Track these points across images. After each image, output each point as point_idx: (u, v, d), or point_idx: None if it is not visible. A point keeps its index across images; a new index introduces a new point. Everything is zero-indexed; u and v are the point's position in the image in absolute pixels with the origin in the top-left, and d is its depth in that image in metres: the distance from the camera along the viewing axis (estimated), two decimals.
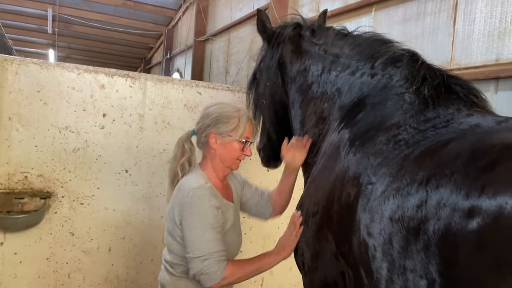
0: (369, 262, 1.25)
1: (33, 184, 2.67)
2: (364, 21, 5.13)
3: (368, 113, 1.61)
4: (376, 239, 1.23)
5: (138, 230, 2.98)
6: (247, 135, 1.88)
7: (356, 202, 1.37)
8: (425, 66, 1.59)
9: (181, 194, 1.75)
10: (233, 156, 1.87)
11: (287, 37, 2.02)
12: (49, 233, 2.74)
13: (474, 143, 1.14)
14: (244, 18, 7.92)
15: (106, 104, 2.83)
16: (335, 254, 1.48)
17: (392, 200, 1.21)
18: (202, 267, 1.66)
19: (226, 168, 1.90)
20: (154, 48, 15.03)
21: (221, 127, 1.84)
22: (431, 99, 1.47)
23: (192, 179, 1.80)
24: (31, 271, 2.71)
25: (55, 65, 2.71)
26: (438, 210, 1.06)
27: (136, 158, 2.93)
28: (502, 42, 3.63)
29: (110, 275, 2.92)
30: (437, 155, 1.19)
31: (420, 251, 1.08)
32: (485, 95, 1.52)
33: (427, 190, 1.12)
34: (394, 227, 1.18)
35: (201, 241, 1.68)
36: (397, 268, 1.15)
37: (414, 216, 1.12)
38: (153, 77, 2.98)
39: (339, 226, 1.45)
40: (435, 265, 1.04)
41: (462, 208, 1.00)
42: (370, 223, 1.27)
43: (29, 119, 2.65)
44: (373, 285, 1.24)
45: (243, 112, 1.90)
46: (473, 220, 0.96)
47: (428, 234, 1.06)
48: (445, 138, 1.26)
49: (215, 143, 1.85)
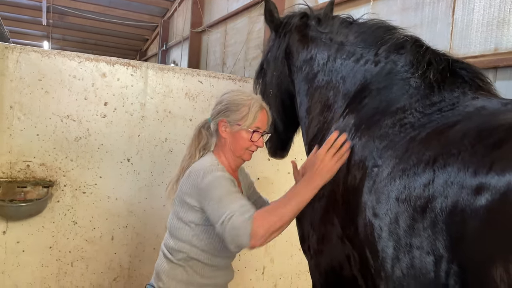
0: (374, 243, 1.27)
1: (35, 173, 2.67)
2: (363, 11, 5.13)
3: (373, 98, 1.62)
4: (382, 220, 1.25)
5: (141, 218, 2.98)
6: (258, 124, 1.80)
7: (362, 184, 1.38)
8: (430, 51, 1.60)
9: (193, 175, 1.71)
10: (242, 146, 1.80)
11: (293, 27, 2.03)
12: (52, 221, 2.75)
13: (480, 124, 1.15)
14: (241, 9, 7.88)
15: (108, 93, 2.82)
16: (340, 237, 1.50)
17: (399, 181, 1.23)
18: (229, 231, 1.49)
19: (237, 158, 1.83)
20: (150, 40, 14.94)
21: (231, 115, 1.79)
22: (436, 83, 1.48)
23: (203, 161, 1.77)
24: (34, 259, 2.72)
25: (56, 53, 2.69)
26: (446, 188, 1.07)
27: (138, 147, 2.93)
28: (501, 32, 3.65)
29: (113, 263, 2.94)
30: (443, 136, 1.21)
31: (427, 228, 1.10)
32: (490, 79, 1.53)
33: (434, 169, 1.13)
34: (400, 206, 1.19)
35: (221, 207, 1.56)
36: (403, 246, 1.16)
37: (421, 195, 1.14)
38: (154, 65, 2.98)
39: (344, 209, 1.47)
40: (442, 241, 1.06)
41: (470, 185, 1.01)
42: (376, 204, 1.28)
43: (31, 108, 2.63)
44: (378, 265, 1.26)
45: (255, 101, 1.82)
46: (482, 197, 0.97)
47: (436, 211, 1.08)
48: (451, 120, 1.28)
49: (225, 132, 1.80)
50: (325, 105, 1.87)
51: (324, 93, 1.88)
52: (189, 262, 1.73)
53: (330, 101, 1.84)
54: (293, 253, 3.49)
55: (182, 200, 1.74)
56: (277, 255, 3.44)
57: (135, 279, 3.00)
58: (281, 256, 3.47)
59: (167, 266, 1.75)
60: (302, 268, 3.52)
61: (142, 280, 3.02)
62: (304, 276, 3.53)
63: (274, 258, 3.45)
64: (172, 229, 1.78)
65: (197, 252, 1.73)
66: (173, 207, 1.81)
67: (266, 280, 3.44)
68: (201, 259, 1.74)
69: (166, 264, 1.76)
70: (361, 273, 1.41)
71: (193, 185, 1.68)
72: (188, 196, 1.70)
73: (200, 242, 1.73)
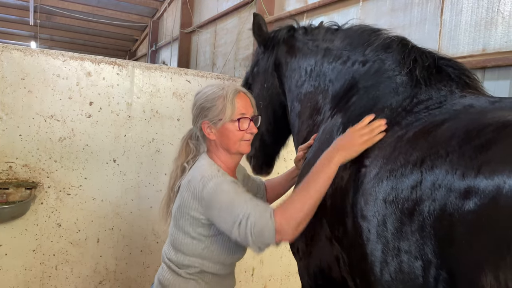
0: (363, 245, 1.24)
1: (18, 174, 2.60)
2: (352, 12, 5.13)
3: (361, 97, 1.61)
4: (370, 222, 1.22)
5: (127, 220, 2.93)
6: (241, 111, 1.64)
7: (349, 185, 1.36)
8: (415, 49, 1.59)
9: (192, 185, 1.56)
10: (234, 139, 1.64)
11: (282, 39, 2.08)
12: (35, 224, 2.68)
13: (468, 123, 1.13)
14: (231, 9, 7.84)
15: (93, 92, 2.76)
16: (329, 239, 1.48)
17: (386, 182, 1.20)
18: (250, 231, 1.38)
19: (234, 155, 1.70)
20: (139, 40, 14.82)
21: (209, 114, 1.63)
22: (423, 80, 1.46)
23: (201, 168, 1.60)
24: (17, 263, 2.65)
25: (39, 51, 2.63)
26: (433, 191, 1.05)
27: (124, 147, 2.88)
28: (489, 32, 3.67)
29: (99, 266, 2.88)
30: (431, 136, 1.18)
31: (414, 232, 1.08)
32: (477, 76, 1.52)
33: (422, 171, 1.11)
34: (388, 208, 1.17)
35: (232, 209, 1.43)
36: (392, 249, 1.14)
37: (409, 197, 1.11)
38: (141, 64, 2.93)
39: (332, 210, 1.44)
40: (430, 245, 1.03)
41: (458, 188, 0.99)
42: (364, 206, 1.26)
43: (13, 108, 2.57)
44: (367, 268, 1.23)
45: (229, 88, 1.65)
46: (470, 201, 0.95)
47: (423, 215, 1.05)
48: (439, 118, 1.25)
49: (211, 133, 1.65)
50: (314, 109, 1.87)
51: (313, 98, 1.88)
52: (201, 275, 1.62)
53: (319, 104, 1.85)
54: (282, 255, 3.46)
55: (186, 214, 1.59)
56: (266, 257, 3.41)
57: (121, 282, 2.94)
58: (270, 258, 3.44)
59: (177, 280, 1.62)
60: (292, 270, 3.49)
61: (129, 283, 2.96)
62: (293, 277, 3.51)
63: (263, 259, 3.41)
64: (179, 245, 1.63)
65: (209, 265, 1.62)
66: (175, 220, 1.65)
67: (255, 281, 3.40)
68: (214, 271, 1.64)
69: (175, 278, 1.63)
70: (350, 275, 1.39)
71: (195, 197, 1.54)
72: (192, 210, 1.57)
73: (212, 254, 1.62)
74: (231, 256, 1.67)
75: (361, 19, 4.98)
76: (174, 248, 1.65)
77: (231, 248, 1.65)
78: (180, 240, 1.61)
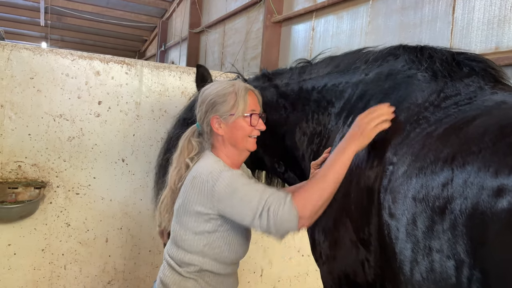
0: (391, 244, 1.21)
1: (27, 174, 2.61)
2: (362, 10, 5.07)
3: (381, 100, 1.57)
4: (399, 220, 1.19)
5: (136, 220, 2.92)
6: (252, 107, 1.66)
7: (377, 184, 1.32)
8: (426, 47, 1.56)
9: (199, 181, 1.54)
10: (244, 134, 1.65)
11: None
12: (44, 223, 2.68)
13: (502, 119, 1.08)
14: (239, 9, 7.83)
15: (102, 92, 2.76)
16: (354, 242, 1.44)
17: (415, 179, 1.17)
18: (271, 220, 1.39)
19: (241, 151, 1.69)
20: (149, 41, 14.89)
21: (220, 109, 1.63)
22: (446, 72, 1.43)
23: (207, 164, 1.59)
24: (26, 262, 2.65)
25: (48, 51, 2.63)
26: (465, 188, 1.01)
27: (133, 146, 2.87)
28: (502, 30, 3.60)
29: (107, 266, 2.87)
30: (462, 132, 1.14)
31: (446, 231, 1.04)
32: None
33: (453, 168, 1.07)
34: (418, 206, 1.13)
35: (248, 201, 1.43)
36: (422, 249, 1.10)
37: (440, 195, 1.07)
38: (149, 63, 2.92)
39: (358, 212, 1.41)
40: (463, 245, 0.99)
41: (491, 186, 0.95)
42: (392, 204, 1.22)
43: (22, 107, 2.57)
44: (396, 268, 1.20)
45: (239, 85, 1.67)
46: (503, 199, 0.91)
47: (455, 213, 1.02)
48: (470, 114, 1.21)
49: (220, 128, 1.65)
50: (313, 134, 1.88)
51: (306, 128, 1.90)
52: (201, 274, 1.61)
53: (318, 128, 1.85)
54: (291, 256, 3.43)
55: (190, 210, 1.58)
56: (275, 258, 3.38)
57: (130, 282, 2.94)
58: (279, 259, 3.40)
59: (177, 278, 1.62)
60: (301, 271, 3.46)
61: (137, 283, 2.95)
62: (303, 278, 3.47)
63: (272, 260, 3.38)
64: (180, 242, 1.63)
65: (210, 263, 1.61)
66: (178, 217, 1.64)
67: (264, 282, 3.37)
68: (214, 269, 1.63)
69: (175, 276, 1.63)
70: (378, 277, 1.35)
71: (203, 192, 1.53)
72: (198, 205, 1.55)
73: (213, 251, 1.61)
74: (232, 254, 1.65)
75: (370, 17, 4.93)
76: (176, 245, 1.65)
77: (233, 246, 1.63)
78: (182, 236, 1.61)
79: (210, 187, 1.52)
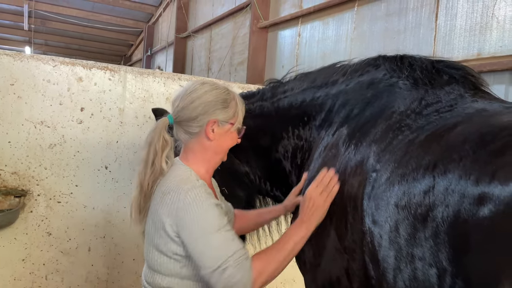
0: (375, 251, 1.21)
1: (6, 182, 2.55)
2: (347, 17, 5.12)
3: (363, 109, 1.58)
4: (382, 227, 1.19)
5: (119, 228, 2.87)
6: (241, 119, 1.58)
7: (360, 191, 1.33)
8: (406, 56, 1.58)
9: (170, 199, 1.39)
10: (229, 146, 1.57)
11: None
12: (25, 233, 2.62)
13: (482, 127, 1.09)
14: (226, 14, 7.85)
15: (84, 98, 2.72)
16: (338, 250, 1.44)
17: (398, 186, 1.17)
18: (225, 281, 1.33)
19: (219, 161, 1.59)
20: (134, 45, 14.81)
21: (221, 114, 1.49)
22: (427, 80, 1.44)
23: (179, 178, 1.44)
24: (6, 273, 2.58)
25: (29, 56, 2.59)
26: (447, 196, 1.01)
27: (116, 154, 2.83)
28: (484, 37, 3.66)
29: (90, 275, 2.82)
30: (443, 140, 1.15)
31: (428, 238, 1.04)
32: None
33: (434, 175, 1.07)
34: (400, 214, 1.13)
35: (211, 250, 1.35)
36: (405, 256, 1.10)
37: (421, 202, 1.07)
38: (133, 69, 2.89)
39: (342, 220, 1.41)
40: (445, 253, 0.99)
41: (472, 194, 0.95)
42: (375, 211, 1.22)
43: (2, 114, 2.52)
44: (380, 275, 1.19)
45: (233, 92, 1.57)
46: (484, 207, 0.91)
47: (437, 221, 1.02)
48: (451, 122, 1.22)
49: (212, 133, 1.49)
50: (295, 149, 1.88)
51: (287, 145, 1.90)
52: None
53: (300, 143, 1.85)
54: None
55: (159, 228, 1.43)
56: None
57: None
58: None
59: None
60: (287, 277, 3.44)
61: None
62: (289, 285, 3.46)
63: None
64: (155, 265, 1.47)
65: (190, 284, 1.47)
66: (149, 237, 1.48)
67: None
68: None
69: None
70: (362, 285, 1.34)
71: (171, 212, 1.39)
72: (166, 224, 1.40)
73: (192, 272, 1.45)
74: None
75: (355, 24, 4.97)
76: (151, 269, 1.50)
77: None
78: (156, 259, 1.46)
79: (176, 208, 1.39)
